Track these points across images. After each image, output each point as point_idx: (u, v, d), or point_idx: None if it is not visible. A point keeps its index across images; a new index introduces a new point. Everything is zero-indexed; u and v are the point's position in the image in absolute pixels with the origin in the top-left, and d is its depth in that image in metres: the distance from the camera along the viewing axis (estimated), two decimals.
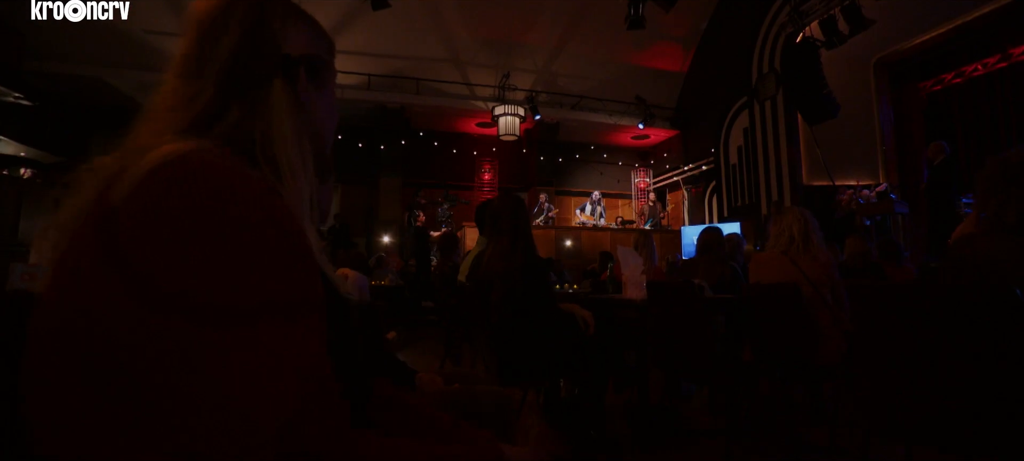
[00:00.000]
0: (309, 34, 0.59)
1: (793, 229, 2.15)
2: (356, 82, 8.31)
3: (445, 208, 8.84)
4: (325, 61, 0.60)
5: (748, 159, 8.04)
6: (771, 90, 7.37)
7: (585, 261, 7.41)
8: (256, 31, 0.54)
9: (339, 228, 8.46)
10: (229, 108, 0.51)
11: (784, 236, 2.17)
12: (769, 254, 2.22)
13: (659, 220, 9.13)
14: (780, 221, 2.21)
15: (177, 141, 0.46)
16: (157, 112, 0.51)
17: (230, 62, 0.52)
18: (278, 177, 0.50)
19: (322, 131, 0.60)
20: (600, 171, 10.56)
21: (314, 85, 0.58)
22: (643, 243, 3.19)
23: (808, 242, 2.13)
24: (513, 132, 8.45)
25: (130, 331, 0.37)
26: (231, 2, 0.55)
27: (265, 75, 0.54)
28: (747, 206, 8.05)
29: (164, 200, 0.40)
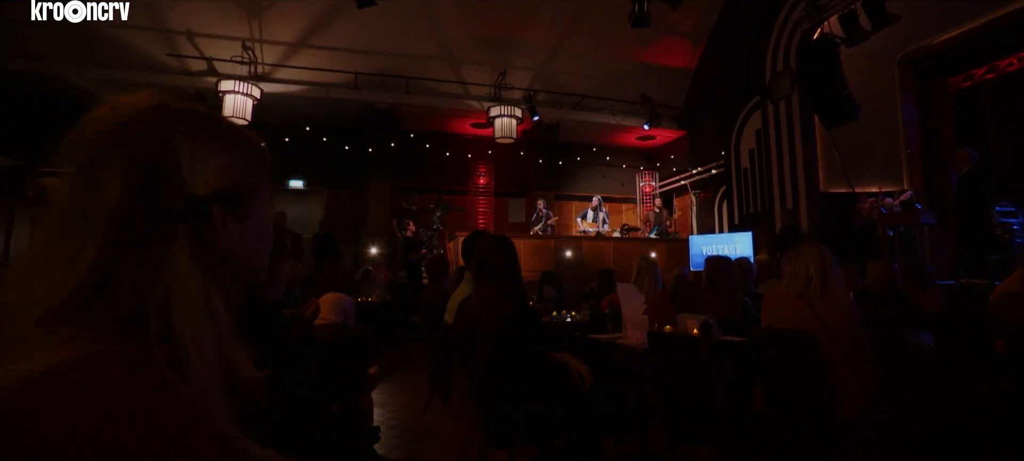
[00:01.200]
0: (226, 156, 0.51)
1: (810, 269, 2.07)
2: (342, 80, 8.28)
3: (437, 216, 8.89)
4: (250, 185, 0.53)
5: (761, 163, 7.98)
6: (786, 89, 7.24)
7: (586, 273, 7.37)
8: (151, 169, 0.46)
9: (325, 236, 8.46)
10: (118, 271, 0.44)
11: (800, 276, 2.10)
12: (784, 294, 2.16)
13: (665, 228, 9.08)
14: (796, 259, 2.14)
15: (47, 338, 0.40)
16: (30, 277, 0.44)
17: (117, 213, 0.44)
18: (179, 362, 0.44)
19: (251, 263, 0.53)
20: (603, 174, 10.56)
21: (236, 216, 0.51)
22: (645, 269, 3.14)
23: (826, 284, 2.06)
24: (510, 134, 8.37)
25: None
26: (118, 130, 0.47)
27: (163, 226, 0.46)
28: (759, 213, 8.00)
29: (20, 448, 0.36)
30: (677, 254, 8.34)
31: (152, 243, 0.45)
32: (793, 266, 2.13)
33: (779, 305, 2.16)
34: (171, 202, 0.46)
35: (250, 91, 7.55)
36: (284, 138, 8.71)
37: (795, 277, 2.12)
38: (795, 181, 7.45)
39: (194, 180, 0.47)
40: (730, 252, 7.53)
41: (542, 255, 7.80)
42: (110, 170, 0.45)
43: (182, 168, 0.47)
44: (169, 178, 0.46)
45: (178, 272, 0.45)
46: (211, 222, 0.48)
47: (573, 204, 10.40)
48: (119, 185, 0.44)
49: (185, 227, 0.46)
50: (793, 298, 2.10)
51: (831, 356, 1.99)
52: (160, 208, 0.45)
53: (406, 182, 9.45)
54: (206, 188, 0.48)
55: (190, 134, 0.48)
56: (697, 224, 9.68)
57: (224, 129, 0.51)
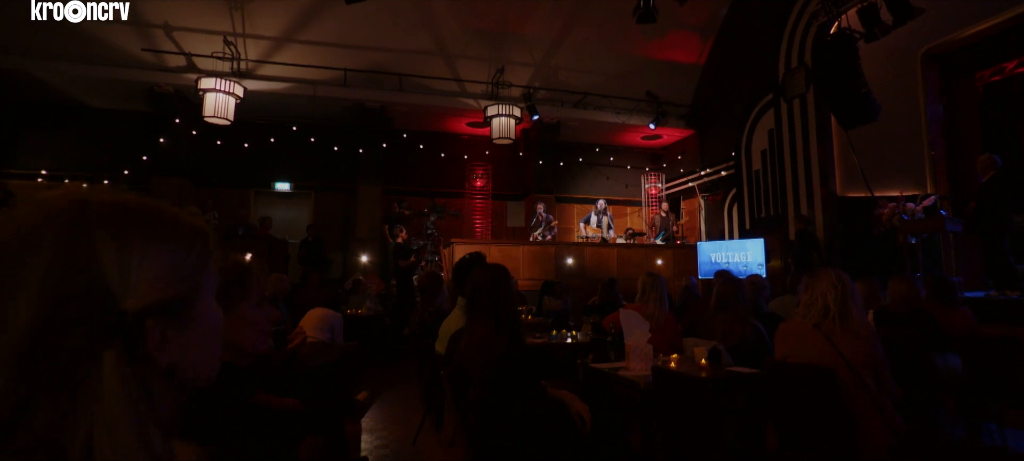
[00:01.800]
0: (163, 259, 0.45)
1: (828, 297, 2.00)
2: (331, 77, 8.27)
3: (431, 220, 8.74)
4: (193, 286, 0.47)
5: (773, 165, 7.91)
6: (800, 87, 7.28)
7: (588, 282, 7.41)
8: (69, 284, 0.41)
9: (312, 242, 8.44)
10: (33, 405, 0.39)
11: (817, 305, 2.02)
12: (800, 325, 2.08)
13: (672, 233, 9.00)
14: (813, 287, 2.06)
15: None
16: None
17: (28, 337, 0.40)
18: None
19: (199, 371, 0.49)
20: (606, 176, 10.58)
21: (177, 325, 0.46)
22: (651, 287, 3.06)
23: (846, 314, 1.98)
24: (508, 135, 8.40)
25: None
26: (28, 236, 0.41)
27: (86, 352, 0.41)
28: (772, 218, 7.91)
29: None
30: (685, 261, 8.26)
31: (71, 373, 0.40)
32: (809, 294, 2.06)
33: (795, 337, 2.09)
34: (95, 322, 0.41)
35: (232, 89, 7.46)
36: (269, 138, 8.83)
37: (811, 306, 2.04)
38: (810, 184, 7.33)
39: (124, 293, 0.42)
40: (741, 260, 7.47)
41: (542, 263, 7.80)
42: (19, 285, 0.40)
43: (109, 280, 0.42)
44: (92, 293, 0.41)
45: (104, 408, 0.40)
46: (146, 340, 0.43)
47: (575, 207, 10.46)
48: (30, 304, 0.40)
49: (112, 351, 0.41)
50: (810, 329, 2.03)
51: (851, 392, 1.91)
52: (81, 330, 0.40)
53: (398, 185, 9.49)
54: (140, 301, 0.43)
55: (118, 237, 0.42)
56: (706, 229, 9.69)
57: (161, 225, 0.46)
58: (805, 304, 2.07)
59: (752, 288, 3.20)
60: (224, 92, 7.37)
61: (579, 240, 8.84)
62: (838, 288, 2.00)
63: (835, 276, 2.03)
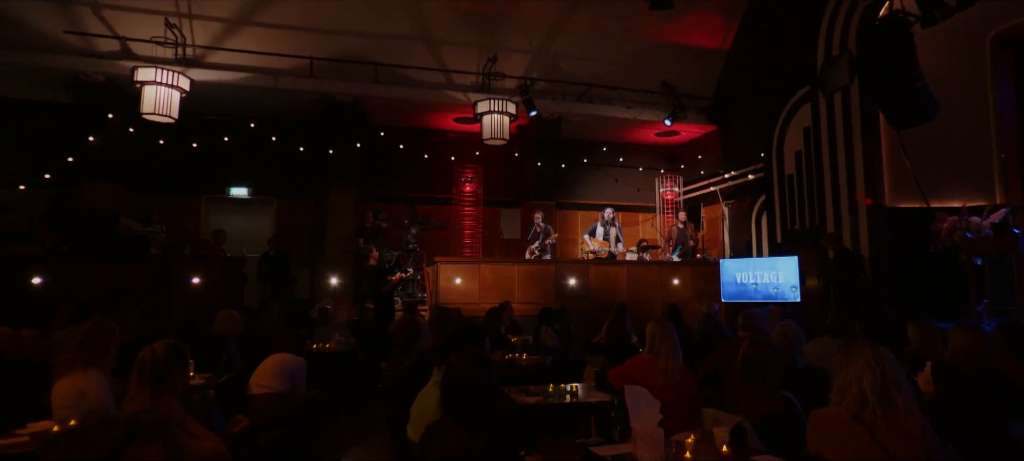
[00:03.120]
0: None
1: (863, 383, 1.88)
2: (294, 66, 8.08)
3: (413, 233, 8.56)
4: None
5: (810, 169, 7.72)
6: (843, 78, 6.99)
7: (594, 305, 7.40)
8: None
9: (275, 257, 8.24)
10: None
11: (852, 392, 1.91)
12: (835, 416, 1.95)
13: (690, 247, 8.76)
14: (846, 368, 1.95)
15: None
16: None
17: None
18: None
19: None
20: (615, 178, 10.43)
21: None
22: (661, 337, 2.98)
23: (889, 403, 1.85)
24: (501, 135, 8.26)
25: None
26: None
27: None
28: (808, 231, 7.68)
29: None
30: (705, 281, 8.04)
31: None
32: (842, 377, 1.95)
33: (829, 430, 1.96)
34: None
35: (176, 81, 7.13)
36: (222, 137, 8.53)
37: (845, 391, 1.93)
38: (853, 192, 7.11)
39: None
40: (771, 281, 7.23)
41: (540, 284, 7.61)
42: None
43: None
44: None
45: None
46: None
47: (578, 215, 10.43)
48: None
49: None
50: (847, 421, 1.92)
51: None
52: None
53: (374, 190, 9.36)
54: None
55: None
56: (729, 240, 9.51)
57: None
58: (838, 389, 1.96)
59: (785, 339, 3.03)
60: (166, 85, 7.05)
61: (583, 256, 8.76)
62: (876, 371, 1.88)
63: (873, 356, 1.91)
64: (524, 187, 9.92)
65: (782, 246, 7.93)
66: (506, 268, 7.60)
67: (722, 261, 8.06)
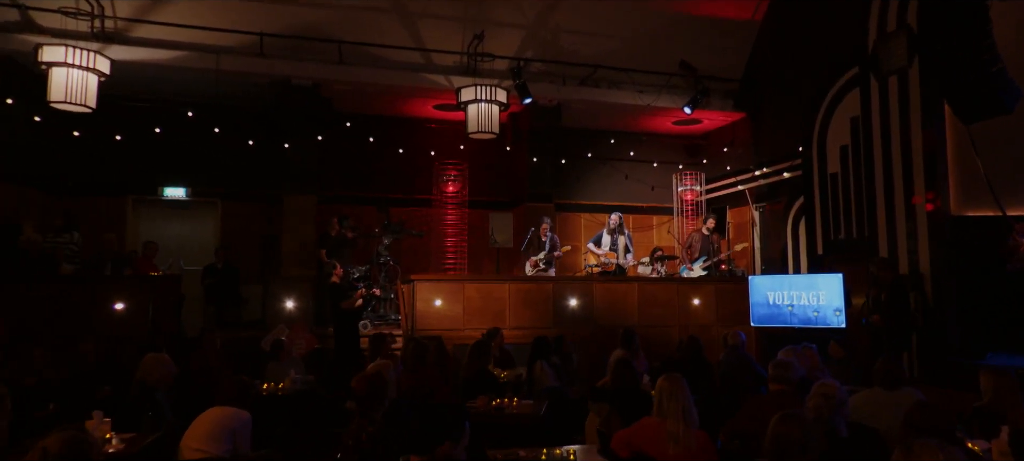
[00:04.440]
0: None
1: None
2: (240, 44, 7.87)
3: (385, 243, 8.41)
4: None
5: (858, 167, 7.56)
6: (900, 59, 6.84)
7: (599, 331, 7.35)
8: None
9: (222, 271, 8.28)
10: None
11: None
12: None
13: (717, 259, 8.57)
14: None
15: None
16: None
17: None
18: None
19: None
20: (624, 174, 10.39)
21: None
22: (669, 396, 2.98)
23: None
24: (489, 128, 8.04)
25: None
26: None
27: None
28: (855, 242, 7.51)
29: None
30: (731, 301, 7.92)
31: None
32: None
33: None
34: None
35: (92, 62, 6.76)
36: (153, 127, 8.30)
37: None
38: (910, 197, 6.90)
39: None
40: (810, 302, 7.09)
41: (536, 306, 7.56)
42: None
43: None
44: None
45: None
46: None
47: (581, 219, 10.47)
48: None
49: None
50: None
51: None
52: None
53: (340, 191, 9.36)
54: None
55: None
56: (761, 249, 9.34)
57: None
58: None
59: (825, 404, 2.93)
60: (80, 67, 6.67)
61: (587, 270, 8.66)
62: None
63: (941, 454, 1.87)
64: (517, 186, 9.88)
65: (824, 259, 7.79)
66: (496, 287, 7.47)
67: (752, 278, 7.89)
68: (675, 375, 3.07)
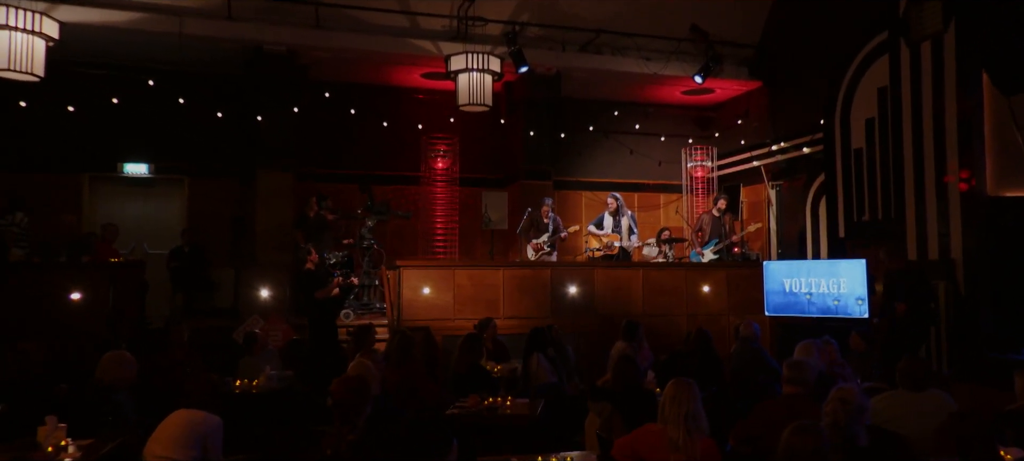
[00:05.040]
0: None
1: None
2: (205, 6, 7.83)
3: (368, 226, 8.27)
4: None
5: (886, 142, 7.49)
6: (934, 24, 6.76)
7: (600, 321, 7.33)
8: None
9: (189, 254, 8.28)
10: None
11: None
12: None
13: (730, 242, 8.53)
14: None
15: None
16: None
17: None
18: None
19: None
20: (629, 149, 10.32)
21: None
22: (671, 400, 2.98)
23: None
24: (481, 100, 7.99)
25: None
26: None
27: None
28: (880, 225, 7.47)
29: None
30: (744, 288, 7.89)
31: None
32: None
33: None
34: None
35: (38, 25, 6.60)
36: (110, 97, 8.18)
37: None
38: (942, 174, 6.85)
39: None
40: (830, 290, 7.07)
41: (533, 293, 7.54)
42: None
43: None
44: None
45: None
46: None
47: (582, 198, 10.46)
48: None
49: None
50: None
51: None
52: None
53: (318, 168, 9.40)
54: None
55: None
56: (777, 231, 9.36)
57: None
58: None
59: (843, 411, 2.88)
60: (24, 31, 6.47)
61: (588, 254, 8.64)
62: None
63: None
64: (512, 163, 9.87)
65: (846, 243, 7.77)
66: (489, 273, 7.44)
67: (767, 263, 7.88)
68: (683, 381, 3.06)
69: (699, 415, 2.96)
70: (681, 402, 2.95)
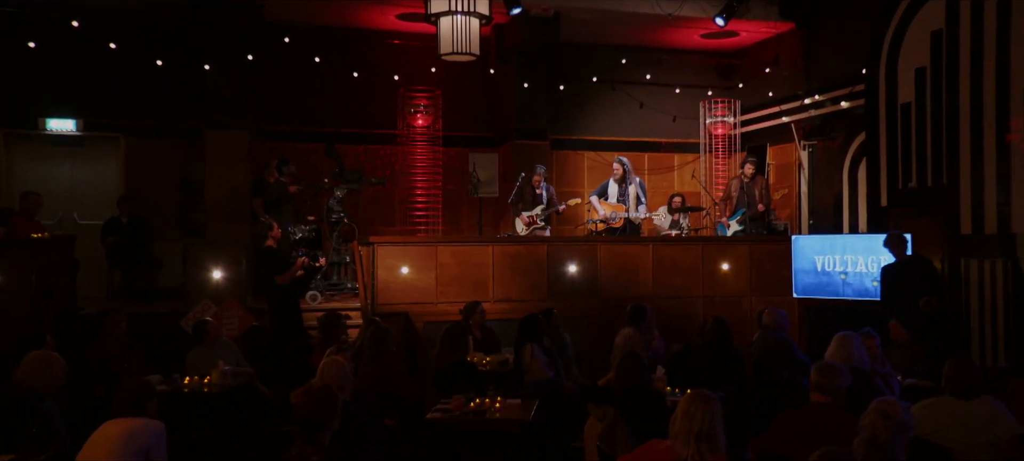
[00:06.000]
0: None
1: None
2: None
3: (337, 196, 8.30)
4: None
5: (938, 95, 7.38)
6: None
7: (606, 304, 7.36)
8: None
9: (128, 226, 8.36)
10: None
11: None
12: None
13: (758, 213, 8.53)
14: None
15: None
16: None
17: None
18: None
19: None
20: (639, 102, 10.30)
21: None
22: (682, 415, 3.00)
23: None
24: (466, 48, 7.92)
25: None
26: None
27: None
28: (930, 192, 7.40)
29: None
30: (769, 265, 7.86)
31: None
32: None
33: None
34: None
35: None
36: (27, 41, 8.12)
37: None
38: (1004, 133, 6.76)
39: None
40: (869, 270, 7.14)
41: (527, 273, 7.50)
42: None
43: None
44: None
45: None
46: None
47: (584, 159, 10.48)
48: None
49: None
50: None
51: None
52: None
53: (277, 125, 9.48)
54: None
55: None
56: (809, 199, 9.36)
57: None
58: None
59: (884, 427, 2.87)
60: None
61: (591, 226, 8.65)
62: None
63: None
64: (504, 119, 9.91)
65: (889, 213, 7.73)
66: (477, 251, 7.40)
67: (796, 238, 7.85)
68: (703, 395, 3.02)
69: (715, 435, 2.93)
70: (696, 419, 2.92)
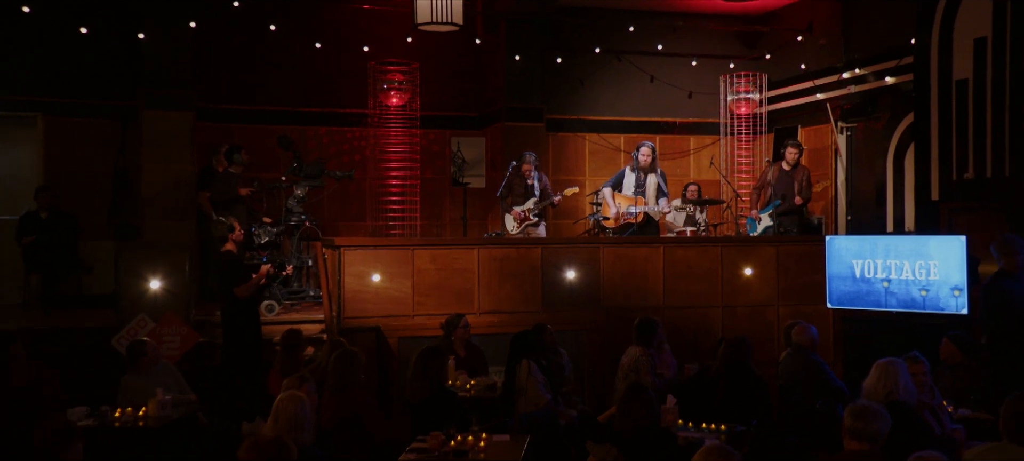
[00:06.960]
0: None
1: None
2: None
3: (298, 195, 8.31)
4: None
5: (1001, 70, 7.35)
6: None
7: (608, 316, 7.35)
8: None
9: (47, 222, 8.35)
10: None
11: None
12: None
13: (796, 205, 8.48)
14: None
15: None
16: None
17: None
18: None
19: None
20: (649, 75, 10.40)
21: None
22: None
23: None
24: (447, 17, 7.95)
25: None
26: None
27: None
28: (988, 185, 7.36)
29: None
30: (800, 269, 7.84)
31: None
32: None
33: None
34: None
35: None
36: None
37: None
38: None
39: None
40: (918, 276, 7.02)
41: (519, 279, 7.50)
42: None
43: None
44: None
45: None
46: None
47: (585, 142, 10.60)
48: None
49: None
50: None
51: None
52: None
53: (226, 103, 9.54)
54: None
55: None
56: (846, 192, 9.45)
57: None
58: None
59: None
60: None
61: (594, 222, 8.74)
62: None
63: None
64: (492, 96, 10.05)
65: (941, 209, 7.78)
66: (460, 254, 7.34)
67: (831, 239, 7.81)
68: (720, 450, 3.01)
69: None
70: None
